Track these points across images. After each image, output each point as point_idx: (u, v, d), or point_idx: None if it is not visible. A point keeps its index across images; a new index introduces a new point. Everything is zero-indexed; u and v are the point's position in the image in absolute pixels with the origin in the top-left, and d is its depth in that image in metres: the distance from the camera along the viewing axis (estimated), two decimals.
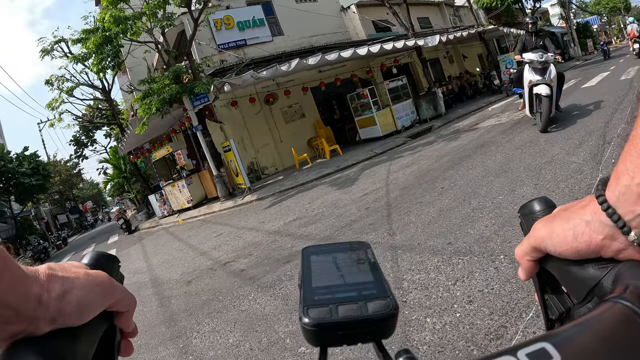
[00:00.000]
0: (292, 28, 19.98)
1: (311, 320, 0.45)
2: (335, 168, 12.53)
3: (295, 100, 18.11)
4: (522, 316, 2.62)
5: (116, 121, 23.12)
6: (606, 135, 6.44)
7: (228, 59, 17.56)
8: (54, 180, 37.81)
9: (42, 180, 27.92)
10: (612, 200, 0.44)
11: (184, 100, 13.59)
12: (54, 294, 0.45)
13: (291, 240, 6.47)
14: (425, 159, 9.53)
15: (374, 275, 0.53)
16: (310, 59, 14.52)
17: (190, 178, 16.05)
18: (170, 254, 9.30)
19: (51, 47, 19.91)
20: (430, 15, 28.74)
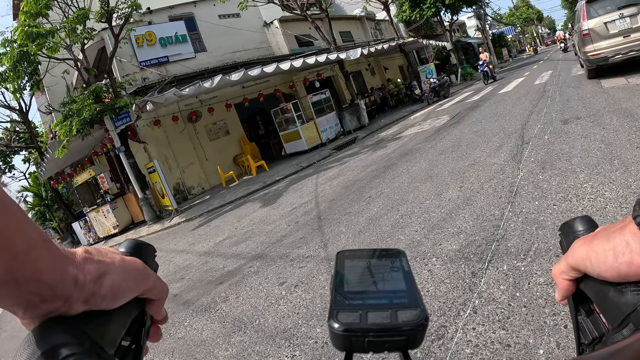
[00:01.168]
0: (215, 44, 19.94)
1: (340, 325, 0.45)
2: (262, 184, 12.60)
3: (219, 117, 18.03)
4: (460, 314, 2.77)
5: (35, 145, 22.04)
6: (524, 136, 6.94)
7: (150, 76, 17.28)
8: None
9: None
10: None
11: (106, 121, 13.21)
12: (90, 276, 0.46)
13: (223, 260, 6.46)
14: (351, 169, 9.81)
15: (406, 284, 0.53)
16: (233, 75, 14.51)
17: (115, 202, 15.51)
18: None
19: None
20: (352, 29, 29.39)
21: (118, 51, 14.72)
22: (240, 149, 18.33)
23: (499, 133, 7.84)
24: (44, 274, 0.42)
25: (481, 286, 3.03)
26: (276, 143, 19.03)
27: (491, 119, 9.65)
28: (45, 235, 0.43)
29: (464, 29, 56.28)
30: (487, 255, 3.46)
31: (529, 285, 2.80)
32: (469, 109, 12.89)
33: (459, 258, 3.59)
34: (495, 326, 2.54)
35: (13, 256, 0.40)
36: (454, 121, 11.50)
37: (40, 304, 0.43)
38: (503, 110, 10.43)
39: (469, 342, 2.49)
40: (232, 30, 20.32)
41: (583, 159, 4.86)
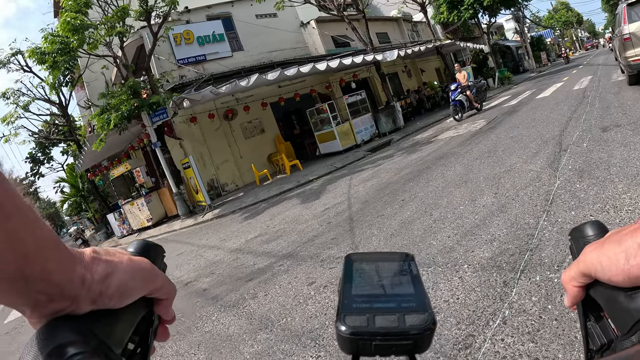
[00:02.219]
0: (252, 43, 20.01)
1: (347, 328, 0.45)
2: (296, 183, 12.59)
3: (254, 116, 18.10)
4: (490, 324, 2.69)
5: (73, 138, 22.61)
6: (562, 143, 6.71)
7: (187, 74, 17.46)
8: None
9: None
10: None
11: (143, 116, 13.45)
12: (97, 276, 0.47)
13: (253, 257, 6.42)
14: (385, 172, 9.68)
15: (415, 288, 0.52)
16: (270, 74, 14.58)
17: (149, 196, 15.84)
18: None
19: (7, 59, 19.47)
20: (389, 30, 29.21)
21: (156, 49, 14.94)
22: (275, 147, 18.40)
23: (536, 139, 7.62)
24: (53, 274, 0.42)
25: (512, 296, 2.94)
26: (311, 143, 19.00)
27: (528, 125, 9.40)
28: (55, 235, 0.44)
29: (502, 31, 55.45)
30: (520, 264, 3.35)
31: (562, 298, 2.67)
32: (505, 114, 12.62)
33: (491, 266, 3.49)
34: (524, 338, 2.46)
35: (23, 255, 0.40)
36: (491, 126, 11.26)
37: (48, 303, 0.43)
38: (541, 115, 10.15)
39: (497, 353, 2.41)
40: (269, 30, 20.38)
41: (622, 169, 4.67)
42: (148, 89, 14.21)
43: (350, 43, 23.45)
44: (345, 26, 20.72)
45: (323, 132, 16.60)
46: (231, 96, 16.81)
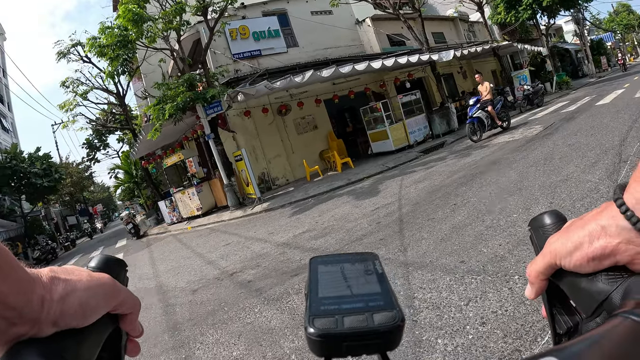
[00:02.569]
0: (307, 40, 20.04)
1: (316, 331, 0.45)
2: (346, 181, 12.50)
3: (308, 112, 18.15)
4: (537, 340, 2.56)
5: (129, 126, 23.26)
6: (622, 153, 6.39)
7: (242, 68, 17.63)
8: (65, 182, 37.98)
9: (53, 182, 28.00)
10: (631, 204, 0.44)
11: (198, 108, 13.67)
12: (57, 295, 0.46)
13: (300, 252, 6.38)
14: (437, 174, 9.47)
15: (381, 286, 0.53)
16: (324, 71, 14.55)
17: (200, 186, 16.11)
18: (177, 261, 9.28)
19: (67, 50, 20.12)
20: (445, 30, 28.72)
21: (212, 43, 15.16)
22: (327, 144, 18.41)
23: (595, 148, 7.23)
24: (9, 297, 0.42)
25: None
26: (363, 141, 18.80)
27: (587, 133, 8.96)
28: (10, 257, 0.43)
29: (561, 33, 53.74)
30: None
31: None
32: (563, 120, 12.10)
33: None
34: None
35: None
36: (547, 132, 10.81)
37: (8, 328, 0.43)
38: (600, 123, 9.67)
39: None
40: (324, 27, 20.37)
41: None
42: (204, 82, 14.42)
43: (406, 42, 23.17)
44: (400, 25, 20.51)
45: (376, 131, 16.43)
46: (285, 92, 16.87)
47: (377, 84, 19.78)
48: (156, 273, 8.77)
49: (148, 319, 5.52)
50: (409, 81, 18.98)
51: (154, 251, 12.43)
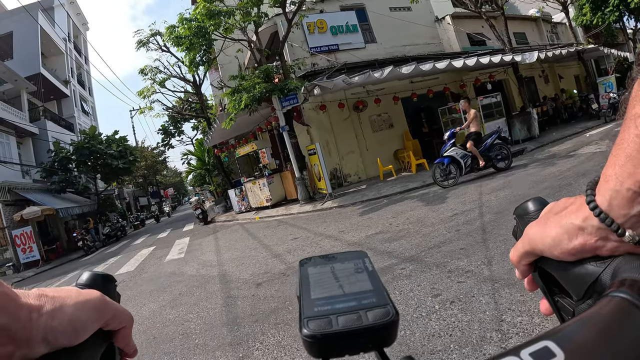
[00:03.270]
0: (385, 36, 19.68)
1: (311, 332, 0.45)
2: (421, 183, 12.13)
3: (384, 110, 17.79)
4: None
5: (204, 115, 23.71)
6: None
7: (319, 62, 17.53)
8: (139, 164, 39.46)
9: (128, 164, 29.19)
10: (604, 206, 0.44)
11: (273, 100, 13.69)
12: (44, 311, 0.45)
13: (373, 255, 5.95)
14: (519, 183, 8.93)
15: (372, 283, 0.53)
16: (404, 67, 14.19)
17: (271, 177, 16.13)
18: (243, 251, 9.20)
19: (147, 39, 20.68)
20: (527, 30, 27.61)
21: (290, 36, 15.15)
22: (402, 144, 18.00)
23: None
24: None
25: None
26: (439, 143, 18.04)
27: None
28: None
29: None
30: None
31: None
32: None
33: None
34: None
35: None
36: None
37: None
38: None
39: None
40: (403, 24, 19.92)
41: None
42: (280, 74, 14.41)
43: (486, 42, 22.42)
44: (481, 23, 19.89)
45: None
46: (362, 88, 16.64)
47: (456, 84, 19.13)
48: (220, 261, 8.75)
49: (207, 309, 5.47)
50: (490, 83, 18.24)
51: (219, 238, 12.51)
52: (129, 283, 9.09)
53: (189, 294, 6.61)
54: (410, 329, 3.44)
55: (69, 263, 19.88)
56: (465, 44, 22.01)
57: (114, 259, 15.14)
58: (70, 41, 38.57)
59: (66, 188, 26.68)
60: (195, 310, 5.59)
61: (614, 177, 0.44)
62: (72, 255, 22.63)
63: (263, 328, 4.29)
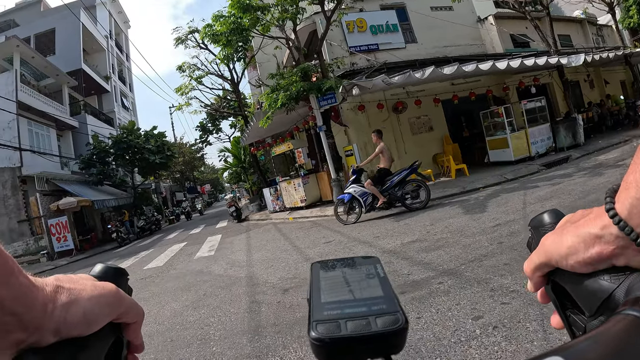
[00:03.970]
0: (425, 36, 19.25)
1: (320, 336, 0.45)
2: (461, 189, 11.80)
3: (424, 112, 17.38)
4: None
5: (242, 113, 23.78)
6: None
7: (358, 62, 17.28)
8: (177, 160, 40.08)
9: (165, 159, 29.69)
10: (624, 214, 0.44)
11: (311, 99, 13.56)
12: (60, 304, 0.45)
13: (408, 265, 5.61)
14: (566, 193, 8.45)
15: (383, 290, 0.53)
16: (446, 68, 13.78)
17: (307, 178, 15.96)
18: (273, 252, 9.01)
19: (185, 36, 20.84)
20: (572, 32, 26.67)
21: (329, 34, 14.91)
22: (441, 148, 17.56)
23: None
24: (11, 302, 0.42)
25: None
26: (480, 148, 17.71)
27: None
28: (10, 263, 0.43)
29: None
30: None
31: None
32: None
33: None
34: None
35: None
36: None
37: (6, 335, 0.42)
38: None
39: None
40: (444, 23, 19.46)
41: None
42: (318, 73, 14.22)
43: (530, 43, 21.78)
44: (525, 24, 19.39)
45: (495, 138, 15.37)
46: (402, 89, 16.32)
47: (499, 86, 18.49)
48: (249, 261, 8.57)
49: (230, 314, 5.30)
50: (535, 86, 17.64)
51: (251, 237, 12.40)
52: (155, 279, 9.08)
53: (213, 295, 6.49)
54: (446, 355, 3.10)
55: (101, 254, 20.29)
56: (508, 45, 21.39)
57: (145, 252, 15.28)
58: (112, 38, 40.05)
59: (103, 180, 27.28)
60: (217, 314, 5.44)
61: (634, 185, 0.43)
62: (106, 246, 23.20)
63: (285, 341, 4.04)
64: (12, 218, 22.75)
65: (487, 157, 16.10)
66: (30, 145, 23.62)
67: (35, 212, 22.59)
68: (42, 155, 24.16)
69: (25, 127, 23.67)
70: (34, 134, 24.93)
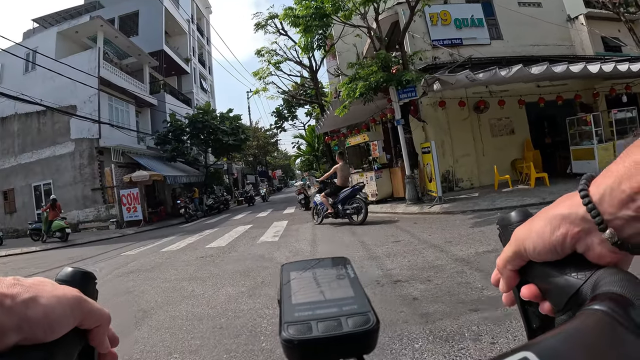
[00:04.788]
0: (512, 33, 18.42)
1: (291, 337, 0.45)
2: (540, 199, 11.17)
3: (506, 114, 16.64)
4: None
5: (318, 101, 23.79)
6: None
7: (441, 56, 16.86)
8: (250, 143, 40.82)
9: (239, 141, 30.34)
10: (595, 197, 0.45)
11: (390, 91, 13.37)
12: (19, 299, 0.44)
13: (483, 279, 5.06)
14: None
15: (354, 290, 0.54)
16: (534, 68, 13.08)
17: (380, 172, 15.81)
18: (339, 245, 8.83)
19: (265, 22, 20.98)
20: None
21: (411, 26, 14.63)
22: (521, 153, 16.74)
23: None
24: None
25: None
26: (562, 157, 16.72)
27: None
28: None
29: None
30: None
31: None
32: None
33: None
34: None
35: None
36: None
37: None
38: None
39: None
40: (532, 21, 18.51)
41: None
42: (399, 65, 13.93)
43: (623, 48, 20.50)
44: (617, 27, 18.30)
45: (580, 147, 14.46)
46: (484, 87, 15.75)
47: (588, 92, 17.39)
48: (313, 253, 8.37)
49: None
50: (626, 94, 16.57)
51: (317, 227, 12.33)
52: (216, 259, 9.07)
53: (272, 284, 6.21)
54: None
55: (168, 227, 20.97)
56: (599, 48, 20.14)
57: (210, 231, 15.57)
58: (193, 22, 41.65)
59: (177, 157, 28.23)
60: (273, 305, 5.01)
61: (614, 175, 0.44)
62: (173, 221, 24.06)
63: None
64: (87, 185, 24.23)
65: (570, 167, 15.14)
66: (109, 119, 24.90)
67: (109, 182, 23.88)
68: (120, 129, 25.33)
69: (105, 102, 24.96)
70: (114, 109, 26.22)
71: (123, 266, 9.66)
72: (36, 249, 17.07)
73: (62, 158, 24.62)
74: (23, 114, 25.59)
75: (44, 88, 23.41)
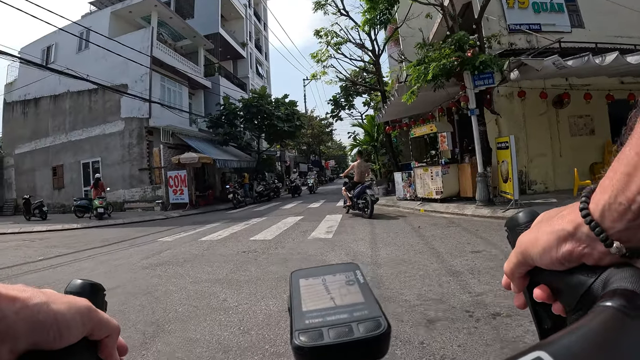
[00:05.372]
0: (594, 21, 16.68)
1: (303, 345, 0.45)
2: None
3: (586, 111, 14.83)
4: None
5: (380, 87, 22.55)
6: None
7: (518, 42, 15.39)
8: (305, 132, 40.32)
9: (293, 128, 29.85)
10: (596, 215, 0.45)
11: (465, 76, 12.12)
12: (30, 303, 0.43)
13: None
14: None
15: (364, 296, 0.53)
16: (631, 57, 11.42)
17: (447, 167, 14.48)
18: (406, 250, 7.44)
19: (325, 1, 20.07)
20: None
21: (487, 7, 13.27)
22: (601, 156, 14.85)
23: None
24: None
25: None
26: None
27: None
28: None
29: None
30: None
31: None
32: None
33: None
34: None
35: None
36: None
37: None
38: None
39: None
40: (617, 8, 16.61)
41: None
42: (475, 49, 12.55)
43: None
44: None
45: None
46: (564, 80, 14.25)
47: None
48: (375, 258, 7.00)
49: None
50: None
51: (376, 225, 11.14)
52: (259, 256, 7.92)
53: None
54: None
55: (214, 212, 20.54)
56: None
57: (257, 219, 14.81)
58: (250, 7, 42.09)
59: (229, 141, 27.92)
60: None
61: (609, 188, 0.44)
62: (220, 206, 23.72)
63: None
64: (135, 165, 24.12)
65: None
66: (161, 99, 24.66)
67: (157, 162, 23.68)
68: (171, 109, 25.04)
69: (157, 82, 24.81)
70: (166, 89, 26.09)
71: (155, 255, 8.95)
72: (77, 226, 17.10)
73: (112, 136, 24.66)
74: (75, 92, 25.86)
75: (97, 67, 23.45)
